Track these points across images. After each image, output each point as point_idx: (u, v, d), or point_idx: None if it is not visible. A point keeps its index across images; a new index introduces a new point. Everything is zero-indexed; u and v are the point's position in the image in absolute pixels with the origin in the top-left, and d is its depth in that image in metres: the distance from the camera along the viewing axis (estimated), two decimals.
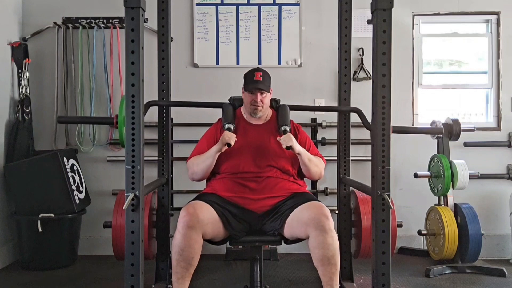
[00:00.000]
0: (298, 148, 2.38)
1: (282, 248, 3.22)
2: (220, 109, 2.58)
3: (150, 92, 2.68)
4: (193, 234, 2.15)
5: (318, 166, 2.50)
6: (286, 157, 2.46)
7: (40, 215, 3.12)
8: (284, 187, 2.41)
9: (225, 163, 2.44)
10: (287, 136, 2.37)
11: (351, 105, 2.86)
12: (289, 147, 2.34)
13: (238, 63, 3.68)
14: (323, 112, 3.68)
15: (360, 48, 3.66)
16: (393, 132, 2.03)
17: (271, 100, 2.60)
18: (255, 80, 2.45)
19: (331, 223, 2.16)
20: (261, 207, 2.36)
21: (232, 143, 2.34)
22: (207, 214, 2.22)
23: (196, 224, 2.15)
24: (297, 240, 2.33)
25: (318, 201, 2.33)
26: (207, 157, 2.41)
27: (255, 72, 2.47)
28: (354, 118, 2.93)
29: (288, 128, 2.45)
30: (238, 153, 2.42)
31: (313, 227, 2.15)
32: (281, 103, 2.65)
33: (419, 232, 3.37)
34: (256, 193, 2.37)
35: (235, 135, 2.39)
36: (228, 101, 2.64)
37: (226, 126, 2.44)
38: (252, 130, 2.52)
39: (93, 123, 3.51)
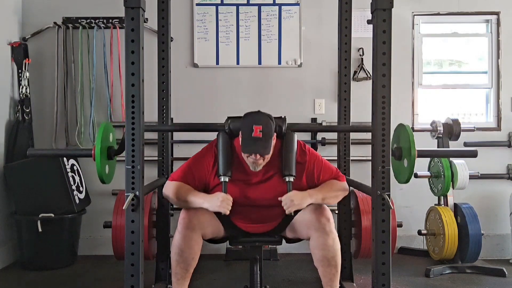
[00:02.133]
0: (304, 204, 2.13)
1: (282, 248, 3.21)
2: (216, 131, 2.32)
3: (150, 92, 2.69)
4: (193, 235, 2.14)
5: (338, 194, 2.26)
6: None
7: (40, 215, 3.12)
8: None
9: None
10: (288, 200, 2.10)
11: (351, 105, 2.86)
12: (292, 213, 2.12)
13: (238, 63, 3.68)
14: (323, 112, 3.69)
15: (360, 48, 3.66)
16: (418, 156, 1.99)
17: (276, 121, 2.19)
18: (254, 138, 2.05)
19: (332, 225, 2.16)
20: (262, 230, 2.30)
21: (228, 213, 2.10)
22: (207, 215, 2.20)
23: (196, 226, 2.15)
24: (298, 240, 2.33)
25: None
26: (191, 202, 2.15)
27: (254, 126, 2.05)
28: (355, 118, 2.93)
29: (292, 179, 2.16)
30: (234, 205, 2.13)
31: (314, 229, 2.14)
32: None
33: (419, 232, 3.37)
34: (256, 221, 2.27)
35: (231, 200, 2.10)
36: (224, 125, 2.26)
37: (222, 179, 2.15)
38: (252, 176, 2.21)
39: (70, 157, 3.27)
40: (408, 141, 2.01)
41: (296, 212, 2.18)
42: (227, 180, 2.16)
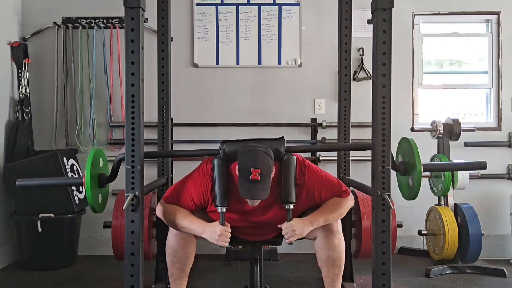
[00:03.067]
0: (306, 232, 2.07)
1: (282, 248, 3.22)
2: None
3: (150, 92, 2.69)
4: (185, 235, 2.13)
5: (341, 214, 2.16)
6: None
7: (40, 215, 3.11)
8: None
9: None
10: (289, 230, 2.04)
11: (351, 105, 2.86)
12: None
13: (238, 63, 3.67)
14: (323, 112, 3.68)
15: (360, 48, 3.66)
16: (424, 171, 1.97)
17: (274, 147, 2.09)
18: (252, 181, 1.91)
19: (339, 225, 2.16)
20: (262, 239, 2.30)
21: (226, 246, 2.05)
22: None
23: None
24: (300, 238, 2.32)
25: None
26: (191, 230, 2.09)
27: (252, 170, 1.90)
28: (355, 118, 2.93)
29: (292, 206, 2.07)
30: (235, 222, 2.12)
31: (321, 229, 2.14)
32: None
33: (419, 232, 3.37)
34: (256, 235, 2.26)
35: (229, 231, 2.06)
36: (219, 150, 2.13)
37: (219, 209, 2.06)
38: (250, 206, 2.11)
39: (57, 186, 2.98)
40: (413, 156, 1.98)
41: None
42: (224, 210, 2.06)
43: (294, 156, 2.13)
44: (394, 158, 2.14)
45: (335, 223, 2.13)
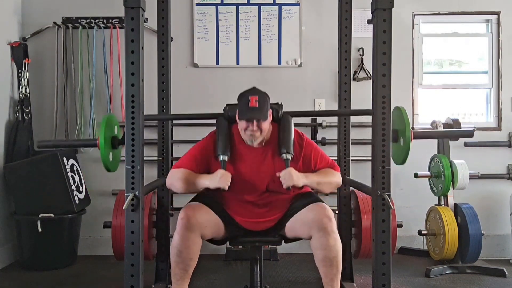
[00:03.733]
0: (301, 183, 2.16)
1: (282, 248, 3.21)
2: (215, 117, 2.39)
3: (150, 92, 2.69)
4: (191, 236, 2.13)
5: (332, 182, 2.29)
6: None
7: (40, 215, 3.11)
8: (285, 201, 2.31)
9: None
10: (287, 174, 2.12)
11: (351, 105, 2.86)
12: (291, 187, 2.14)
13: (238, 63, 3.67)
14: None
15: (360, 48, 3.66)
16: (414, 138, 2.03)
17: (272, 107, 2.27)
18: (250, 108, 2.13)
19: (334, 225, 2.15)
20: (262, 227, 2.31)
21: (227, 188, 2.12)
22: (206, 216, 2.21)
23: (194, 226, 2.14)
24: (298, 239, 2.33)
25: (322, 201, 2.29)
26: (195, 184, 2.19)
27: (250, 97, 2.14)
28: (354, 118, 2.93)
29: (290, 156, 2.19)
30: (234, 183, 2.17)
31: (316, 229, 2.14)
32: (281, 102, 2.40)
33: (419, 232, 3.37)
34: (256, 217, 2.28)
35: (230, 176, 2.14)
36: (223, 112, 2.36)
37: (221, 157, 2.19)
38: (249, 155, 2.26)
39: (78, 147, 3.39)
40: (404, 123, 2.05)
41: (296, 204, 2.24)
42: (226, 159, 2.19)
43: (291, 118, 2.32)
44: (390, 144, 2.25)
45: (329, 222, 2.13)
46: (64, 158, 3.23)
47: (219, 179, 2.11)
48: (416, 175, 3.37)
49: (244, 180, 2.23)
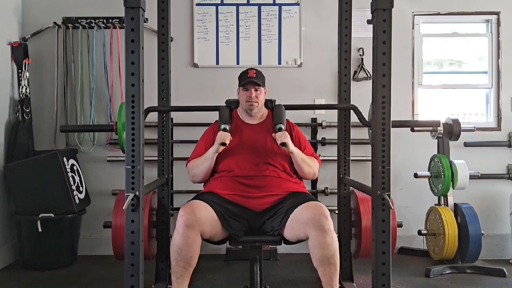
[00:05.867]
0: (291, 147, 2.42)
1: (282, 248, 3.22)
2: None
3: (150, 92, 2.69)
4: (191, 233, 2.15)
5: (312, 166, 2.52)
6: (283, 154, 2.47)
7: (40, 215, 3.12)
8: (282, 185, 2.42)
9: (222, 162, 2.47)
10: (282, 133, 2.41)
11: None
12: (284, 144, 2.38)
13: (238, 63, 3.68)
14: (323, 112, 3.68)
15: (360, 48, 3.66)
16: (392, 126, 2.00)
17: (267, 100, 2.65)
18: (249, 77, 2.51)
19: (330, 223, 2.16)
20: (260, 204, 2.36)
21: (227, 142, 2.38)
22: (205, 213, 2.22)
23: (194, 223, 2.15)
24: (298, 241, 2.32)
25: (317, 201, 2.33)
26: (206, 159, 2.45)
27: (249, 70, 2.54)
28: (355, 118, 2.93)
29: (283, 126, 2.47)
30: (235, 152, 2.46)
31: (313, 227, 2.15)
32: (279, 103, 2.67)
33: (419, 232, 3.37)
34: (255, 191, 2.38)
35: (229, 135, 2.42)
36: (225, 104, 2.70)
37: (222, 126, 2.47)
38: (248, 130, 2.55)
39: (95, 131, 3.60)
40: None
41: (292, 200, 2.32)
42: (227, 128, 2.45)
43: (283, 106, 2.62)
44: (367, 118, 2.63)
45: (326, 221, 2.14)
46: (64, 158, 3.23)
47: (220, 137, 2.38)
48: (416, 175, 3.38)
49: (243, 151, 2.46)
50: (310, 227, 2.16)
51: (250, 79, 2.50)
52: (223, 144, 2.38)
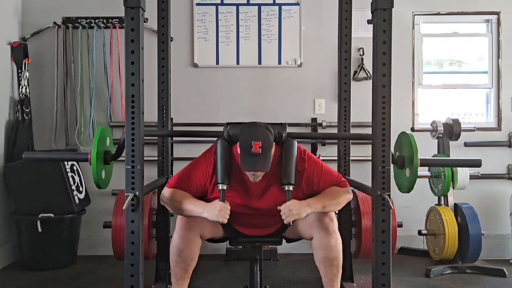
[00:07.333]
0: (303, 213, 2.08)
1: (282, 248, 3.21)
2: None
3: (150, 92, 2.69)
4: (191, 235, 2.14)
5: (339, 202, 2.18)
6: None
7: (40, 215, 3.11)
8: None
9: None
10: (287, 209, 2.06)
11: (351, 105, 2.86)
12: (291, 223, 2.09)
13: (238, 63, 3.67)
14: (323, 112, 3.69)
15: (360, 48, 3.66)
16: (420, 165, 1.98)
17: (276, 131, 2.18)
18: (253, 154, 1.99)
19: (335, 225, 2.15)
20: (262, 234, 2.30)
21: (225, 222, 2.06)
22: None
23: (194, 226, 2.14)
24: (298, 239, 2.33)
25: None
26: (191, 211, 2.11)
27: (253, 143, 1.99)
28: (355, 118, 2.93)
29: (291, 187, 2.11)
30: (234, 209, 2.12)
31: (317, 229, 2.14)
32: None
33: (419, 232, 3.37)
34: (257, 226, 2.26)
35: (229, 209, 2.07)
36: (223, 131, 2.23)
37: (220, 187, 2.11)
38: (250, 182, 2.16)
39: (66, 160, 3.15)
40: (411, 149, 1.99)
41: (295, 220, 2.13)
42: (225, 188, 2.11)
43: (295, 141, 2.20)
44: (390, 144, 2.15)
45: (331, 223, 2.13)
46: None
47: (218, 213, 2.04)
48: None
49: (245, 206, 2.18)
50: (314, 229, 2.15)
51: (254, 165, 2.01)
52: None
